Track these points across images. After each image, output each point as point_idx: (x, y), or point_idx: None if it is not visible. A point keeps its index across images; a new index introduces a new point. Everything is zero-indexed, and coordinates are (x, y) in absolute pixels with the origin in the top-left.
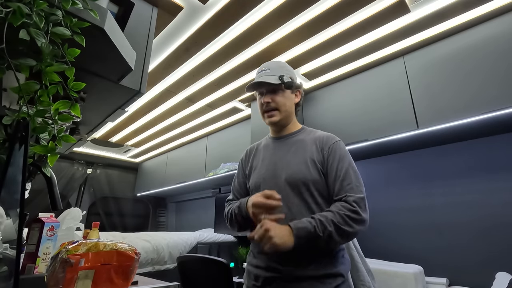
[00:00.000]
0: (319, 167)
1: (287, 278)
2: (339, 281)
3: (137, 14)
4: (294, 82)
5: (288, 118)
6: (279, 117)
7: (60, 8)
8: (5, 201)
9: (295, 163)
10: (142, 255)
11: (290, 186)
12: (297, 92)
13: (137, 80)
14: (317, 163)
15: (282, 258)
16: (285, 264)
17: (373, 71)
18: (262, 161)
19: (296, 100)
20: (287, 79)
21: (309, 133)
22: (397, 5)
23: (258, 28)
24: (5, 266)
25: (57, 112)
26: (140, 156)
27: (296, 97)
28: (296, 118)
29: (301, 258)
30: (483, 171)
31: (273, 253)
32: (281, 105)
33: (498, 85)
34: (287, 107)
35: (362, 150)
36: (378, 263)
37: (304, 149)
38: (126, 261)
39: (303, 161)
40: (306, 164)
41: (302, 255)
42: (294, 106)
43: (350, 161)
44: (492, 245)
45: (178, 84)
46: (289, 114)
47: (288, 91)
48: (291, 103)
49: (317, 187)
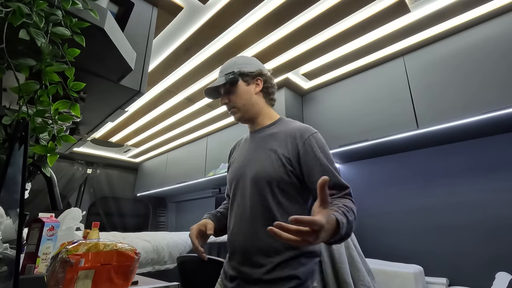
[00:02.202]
0: (289, 163)
1: (245, 279)
2: (293, 284)
3: (137, 14)
4: (246, 73)
5: (250, 112)
6: (239, 114)
7: (60, 8)
8: (5, 201)
9: (261, 160)
10: (142, 255)
11: (255, 185)
12: (256, 81)
13: (137, 80)
14: (287, 158)
15: (241, 260)
16: (244, 265)
17: (373, 71)
18: (238, 157)
19: (256, 90)
20: (234, 74)
21: (285, 124)
22: (397, 5)
23: (258, 28)
24: (5, 266)
25: (57, 112)
26: (140, 156)
27: (257, 86)
28: (269, 109)
29: (259, 260)
30: (483, 171)
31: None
32: (236, 102)
33: (498, 85)
34: (244, 101)
35: (362, 150)
36: (378, 263)
37: (275, 144)
38: (126, 261)
39: (269, 158)
40: (271, 161)
41: (260, 257)
42: (255, 97)
43: (330, 153)
44: (492, 245)
45: (178, 84)
46: (249, 108)
47: (241, 84)
48: (248, 95)
49: (282, 186)
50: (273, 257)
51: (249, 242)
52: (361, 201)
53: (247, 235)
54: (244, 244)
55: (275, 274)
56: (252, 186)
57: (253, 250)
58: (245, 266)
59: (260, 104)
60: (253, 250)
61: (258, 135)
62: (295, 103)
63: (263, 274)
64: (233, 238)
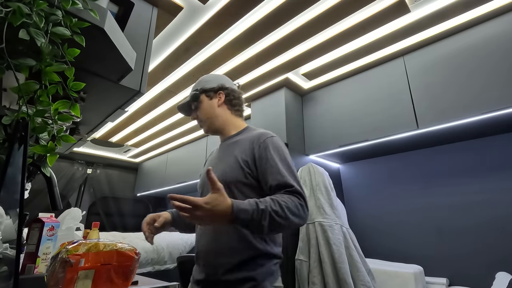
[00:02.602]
0: (247, 166)
1: (208, 281)
2: (249, 285)
3: (137, 14)
4: (207, 89)
5: (214, 124)
6: (205, 127)
7: (60, 8)
8: (5, 201)
9: (224, 165)
10: (142, 255)
11: None
12: (218, 95)
13: (137, 80)
14: (245, 161)
15: (204, 262)
16: (206, 267)
17: (373, 71)
18: (207, 165)
19: (219, 103)
20: (197, 91)
21: (249, 132)
22: (397, 5)
23: (258, 28)
24: (5, 266)
25: (57, 112)
26: (140, 156)
27: (219, 99)
28: (236, 119)
29: (219, 261)
30: (483, 172)
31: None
32: (201, 116)
33: (498, 85)
34: (207, 115)
35: (362, 150)
36: (378, 263)
37: (237, 150)
38: (126, 261)
39: (231, 163)
40: (232, 166)
41: (221, 259)
42: (219, 110)
43: (285, 156)
44: (492, 245)
45: (178, 84)
46: (213, 120)
47: (205, 100)
48: (211, 109)
49: (240, 188)
50: (233, 257)
51: (211, 244)
52: (361, 201)
53: (209, 237)
54: (207, 246)
55: (232, 276)
56: None
57: (215, 252)
58: (208, 268)
59: (225, 115)
60: (215, 252)
61: (225, 143)
62: (295, 103)
63: (221, 275)
64: (198, 242)
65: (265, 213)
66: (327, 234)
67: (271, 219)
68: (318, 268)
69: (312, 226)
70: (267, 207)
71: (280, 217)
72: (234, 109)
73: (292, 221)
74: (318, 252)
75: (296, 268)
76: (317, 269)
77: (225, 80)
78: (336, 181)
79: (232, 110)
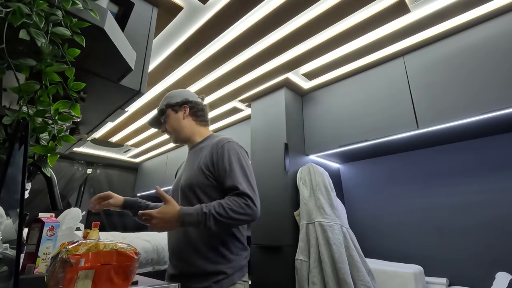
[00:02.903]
0: (207, 168)
1: (181, 275)
2: (220, 277)
3: (137, 14)
4: (172, 104)
5: (181, 134)
6: (173, 137)
7: (60, 8)
8: (5, 201)
9: (189, 171)
10: (142, 255)
11: (183, 193)
12: (183, 109)
13: (137, 80)
14: (206, 164)
15: (176, 258)
16: (178, 262)
17: (373, 71)
18: (180, 172)
19: (185, 115)
20: (162, 107)
21: (212, 139)
22: (397, 5)
23: (258, 28)
24: (5, 266)
25: (57, 112)
26: (140, 156)
27: (184, 112)
28: (201, 128)
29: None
30: (483, 172)
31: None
32: (170, 128)
33: (498, 85)
34: (174, 127)
35: (362, 150)
36: (378, 263)
37: (200, 156)
38: (126, 261)
39: (194, 169)
40: (194, 171)
41: (190, 254)
42: (184, 121)
43: (238, 159)
44: (492, 245)
45: (178, 84)
46: (180, 131)
47: (171, 113)
48: (177, 122)
49: (204, 190)
50: (202, 253)
51: (182, 242)
52: (361, 201)
53: (179, 236)
54: (178, 243)
55: (202, 269)
56: (182, 194)
57: (185, 248)
58: (180, 263)
59: (190, 126)
60: (185, 248)
61: (192, 151)
62: (295, 103)
63: (194, 268)
64: (169, 240)
65: (208, 215)
66: (327, 234)
67: (215, 220)
68: (318, 268)
69: (312, 226)
70: (210, 210)
71: (223, 217)
72: (198, 120)
73: (238, 218)
74: (318, 252)
75: (296, 268)
76: (317, 269)
77: (189, 95)
78: (336, 181)
79: (197, 120)
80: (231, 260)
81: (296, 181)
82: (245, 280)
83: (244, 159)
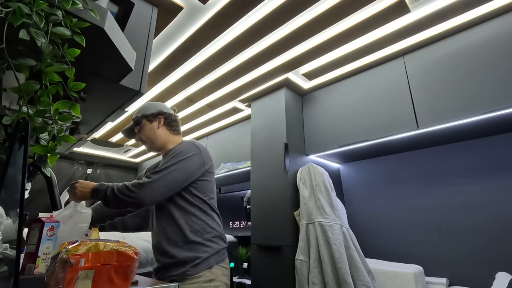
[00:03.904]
0: None
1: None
2: (196, 261)
3: (137, 14)
4: (147, 115)
5: (156, 143)
6: (148, 146)
7: (60, 8)
8: (5, 201)
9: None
10: (142, 255)
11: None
12: (158, 119)
13: (137, 80)
14: None
15: (158, 252)
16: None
17: (373, 71)
18: None
19: (159, 125)
20: (138, 118)
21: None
22: (397, 5)
23: (258, 28)
24: (5, 266)
25: (57, 112)
26: (140, 156)
27: (159, 123)
28: (175, 137)
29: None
30: (483, 172)
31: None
32: (144, 137)
33: (498, 85)
34: (149, 136)
35: (362, 150)
36: (378, 263)
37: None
38: (126, 261)
39: None
40: None
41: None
42: (159, 131)
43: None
44: (492, 245)
45: (178, 84)
46: (154, 140)
47: (146, 124)
48: (152, 131)
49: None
50: (179, 245)
51: (161, 238)
52: (361, 201)
53: (159, 234)
54: (159, 240)
55: (180, 258)
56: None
57: (164, 244)
58: (161, 257)
59: (165, 135)
60: (164, 244)
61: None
62: (295, 103)
63: (172, 259)
64: (152, 240)
65: (111, 186)
66: (327, 234)
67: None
68: (318, 268)
69: (312, 226)
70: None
71: (117, 192)
72: (172, 129)
73: (121, 198)
74: (318, 252)
75: (296, 268)
76: (317, 269)
77: (162, 107)
78: (336, 181)
79: (171, 130)
80: (206, 245)
81: (296, 181)
82: (224, 266)
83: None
